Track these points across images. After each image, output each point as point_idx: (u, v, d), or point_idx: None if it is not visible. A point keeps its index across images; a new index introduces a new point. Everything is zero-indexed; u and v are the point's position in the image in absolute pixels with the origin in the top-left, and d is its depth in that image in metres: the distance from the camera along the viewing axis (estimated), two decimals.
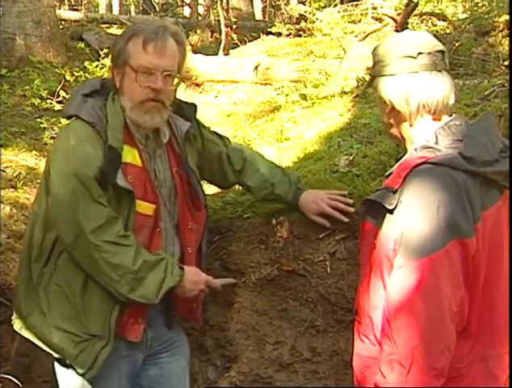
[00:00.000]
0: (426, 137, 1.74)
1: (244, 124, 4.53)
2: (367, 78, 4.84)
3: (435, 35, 1.88)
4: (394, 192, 1.69)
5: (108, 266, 2.04)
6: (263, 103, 5.39)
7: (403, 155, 1.84)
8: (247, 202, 2.74)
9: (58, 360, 2.22)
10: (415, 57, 1.73)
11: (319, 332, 2.54)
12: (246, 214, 2.70)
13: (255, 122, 4.75)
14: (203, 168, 2.42)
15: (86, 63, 5.93)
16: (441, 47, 1.78)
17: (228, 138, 2.55)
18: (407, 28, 6.26)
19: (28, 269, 2.18)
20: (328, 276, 2.50)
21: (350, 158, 2.96)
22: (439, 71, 1.75)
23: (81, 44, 6.64)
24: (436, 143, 1.72)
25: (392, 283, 1.64)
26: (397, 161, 1.84)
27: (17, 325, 2.23)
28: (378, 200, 1.72)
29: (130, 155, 2.13)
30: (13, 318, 2.27)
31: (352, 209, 2.40)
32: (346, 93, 4.44)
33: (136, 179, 2.13)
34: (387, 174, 1.84)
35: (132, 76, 2.09)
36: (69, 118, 2.22)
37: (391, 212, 1.69)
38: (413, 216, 1.63)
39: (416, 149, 1.75)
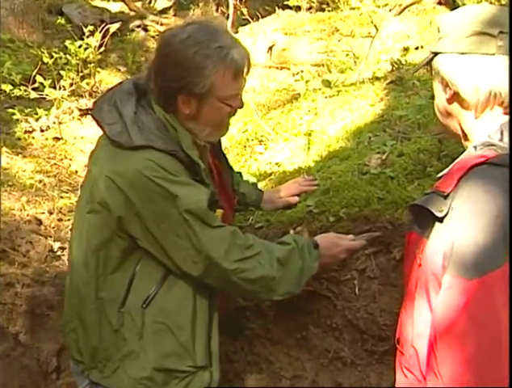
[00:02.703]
0: (490, 132, 1.73)
1: (256, 115, 4.55)
2: (404, 60, 4.87)
3: None
4: (445, 197, 1.68)
5: (249, 283, 2.20)
6: (279, 91, 5.43)
7: (447, 153, 1.85)
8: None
9: None
10: (495, 36, 1.71)
11: (345, 365, 2.56)
12: (259, 223, 2.75)
13: (269, 113, 4.79)
14: None
15: (67, 42, 5.92)
16: None
17: None
18: (454, 1, 6.25)
19: (100, 313, 2.24)
20: (356, 298, 2.52)
21: (383, 156, 2.98)
22: None
23: (61, 20, 6.65)
24: (501, 140, 1.70)
25: (439, 307, 1.63)
26: (439, 160, 1.85)
27: (96, 376, 2.28)
28: (425, 205, 1.71)
29: None
30: (83, 369, 2.29)
31: (316, 181, 2.83)
32: (378, 79, 4.46)
33: None
34: (439, 175, 1.83)
35: (217, 105, 2.19)
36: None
37: (441, 220, 1.68)
38: (466, 226, 1.61)
39: (475, 147, 1.73)
